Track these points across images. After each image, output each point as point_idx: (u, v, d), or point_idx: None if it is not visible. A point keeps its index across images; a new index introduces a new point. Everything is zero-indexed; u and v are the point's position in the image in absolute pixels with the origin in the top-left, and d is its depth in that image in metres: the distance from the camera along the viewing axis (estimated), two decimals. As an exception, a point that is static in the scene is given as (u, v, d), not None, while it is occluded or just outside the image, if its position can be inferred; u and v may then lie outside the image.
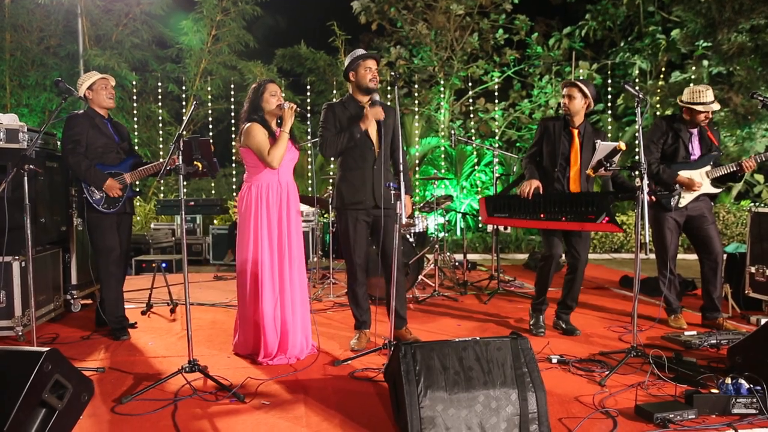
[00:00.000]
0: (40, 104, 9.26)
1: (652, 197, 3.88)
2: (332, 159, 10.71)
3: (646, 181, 3.17)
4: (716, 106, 3.98)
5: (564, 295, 4.05)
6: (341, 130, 3.57)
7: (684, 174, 4.03)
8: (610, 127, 10.70)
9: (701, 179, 4.04)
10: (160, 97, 10.30)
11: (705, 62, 9.92)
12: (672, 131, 4.10)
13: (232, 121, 10.58)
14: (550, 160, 3.93)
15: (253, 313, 3.43)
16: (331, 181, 6.35)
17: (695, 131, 4.11)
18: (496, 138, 11.00)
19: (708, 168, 4.06)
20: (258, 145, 3.35)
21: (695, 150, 4.10)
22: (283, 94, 3.47)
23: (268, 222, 3.40)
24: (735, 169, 3.98)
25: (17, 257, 3.79)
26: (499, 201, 4.01)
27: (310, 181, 10.43)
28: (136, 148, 9.42)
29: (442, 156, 10.64)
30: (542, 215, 3.80)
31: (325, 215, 6.30)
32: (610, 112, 10.89)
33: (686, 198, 4.05)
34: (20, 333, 3.81)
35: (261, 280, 3.37)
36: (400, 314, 3.70)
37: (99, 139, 3.88)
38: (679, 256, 4.44)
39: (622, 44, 11.34)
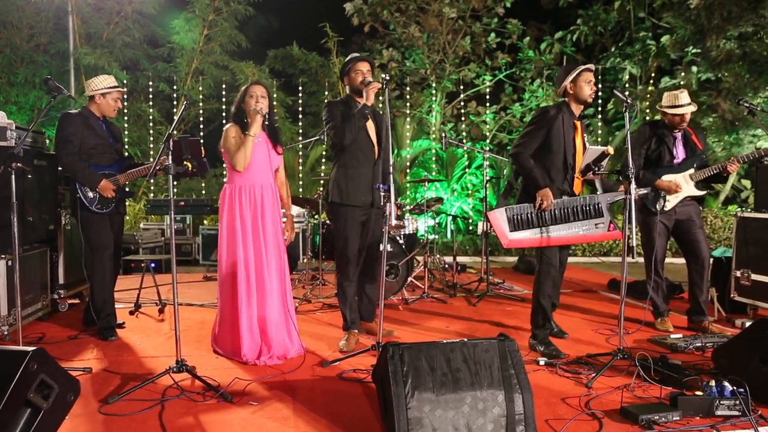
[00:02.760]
0: (29, 102, 9.18)
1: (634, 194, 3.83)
2: (323, 160, 10.67)
3: (633, 185, 3.20)
4: (692, 108, 4.02)
5: None
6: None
7: (666, 178, 4.07)
8: (600, 132, 10.78)
9: (684, 182, 4.08)
10: (150, 96, 10.25)
11: (694, 68, 10.02)
12: (656, 136, 4.14)
13: (223, 122, 10.53)
14: (561, 158, 3.56)
15: (230, 315, 3.47)
16: (321, 181, 6.36)
17: (679, 135, 4.16)
18: (487, 141, 11.04)
19: (692, 171, 4.10)
20: (228, 148, 3.45)
21: (679, 154, 4.14)
22: (264, 96, 3.46)
23: (241, 223, 3.43)
24: (718, 171, 4.03)
25: (4, 256, 3.76)
26: (517, 215, 3.53)
27: (301, 182, 10.42)
28: (127, 147, 9.40)
29: (433, 158, 10.67)
30: (563, 231, 3.49)
31: (316, 216, 6.30)
32: (600, 116, 10.97)
33: (671, 201, 4.08)
34: (6, 332, 3.77)
35: (236, 282, 3.41)
36: (375, 304, 3.92)
37: (92, 139, 3.87)
38: (667, 260, 4.47)
39: (612, 49, 11.44)
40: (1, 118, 3.98)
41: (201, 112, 10.52)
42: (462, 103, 11.23)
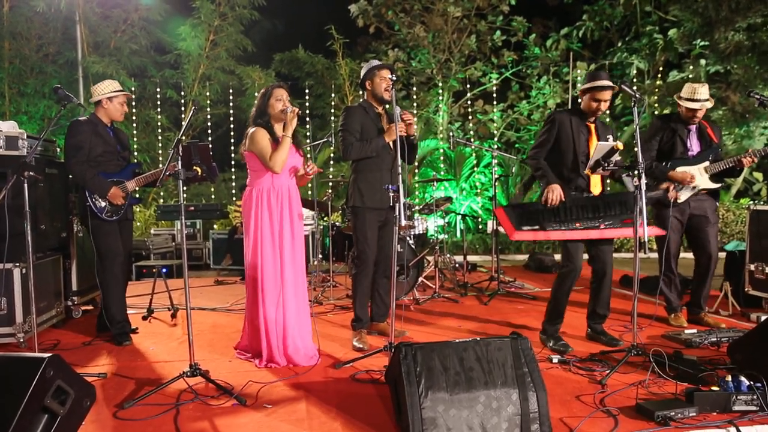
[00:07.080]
0: (39, 112, 9.27)
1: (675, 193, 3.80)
2: (331, 162, 10.68)
3: (644, 181, 3.17)
4: (708, 105, 3.99)
5: (593, 304, 3.82)
6: (361, 134, 3.73)
7: (680, 170, 4.03)
8: (608, 127, 10.70)
9: (699, 174, 4.04)
10: (158, 102, 10.32)
11: (702, 61, 9.95)
12: (668, 129, 4.11)
13: (231, 126, 10.59)
14: (571, 158, 3.61)
15: (255, 317, 3.46)
16: (330, 183, 6.40)
17: (693, 128, 4.12)
18: (495, 139, 11.02)
19: (706, 163, 4.07)
20: (261, 150, 3.40)
21: (693, 146, 4.11)
22: (288, 99, 3.52)
23: (270, 225, 3.43)
24: (733, 164, 3.99)
25: (18, 264, 3.79)
26: (526, 211, 3.54)
27: (310, 184, 10.44)
28: (135, 154, 9.46)
29: (441, 158, 10.66)
30: (578, 224, 3.44)
31: (325, 218, 6.31)
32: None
33: (684, 194, 4.05)
34: (22, 339, 3.81)
35: (262, 284, 3.40)
36: (387, 305, 3.93)
37: (101, 146, 3.89)
38: (681, 254, 4.44)
39: (619, 44, 11.38)
40: (12, 128, 4.02)
41: (209, 117, 10.57)
42: (469, 102, 11.21)
